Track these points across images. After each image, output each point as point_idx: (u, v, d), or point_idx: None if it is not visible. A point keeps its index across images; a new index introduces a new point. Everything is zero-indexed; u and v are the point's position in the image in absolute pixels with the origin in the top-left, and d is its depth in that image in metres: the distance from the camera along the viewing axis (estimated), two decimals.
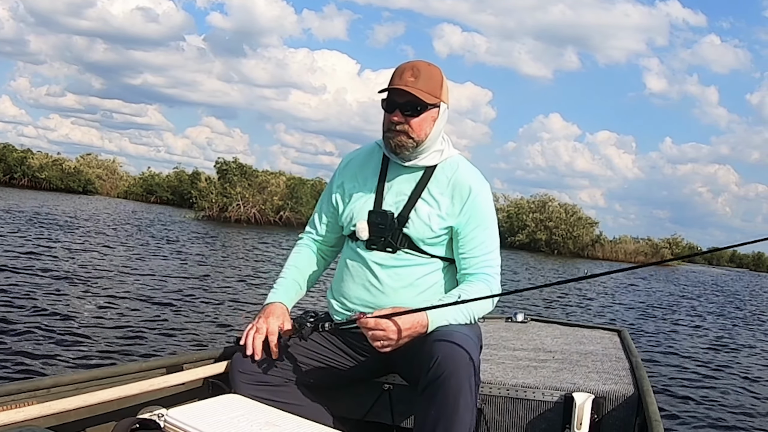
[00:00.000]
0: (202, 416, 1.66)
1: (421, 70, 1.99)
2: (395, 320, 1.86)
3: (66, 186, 51.97)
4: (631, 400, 2.23)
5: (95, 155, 60.40)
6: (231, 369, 2.04)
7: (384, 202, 2.09)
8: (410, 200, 2.07)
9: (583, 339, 3.31)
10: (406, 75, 1.98)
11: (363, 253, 2.10)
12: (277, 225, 37.17)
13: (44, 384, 1.83)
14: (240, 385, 1.99)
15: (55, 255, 11.13)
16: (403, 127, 2.00)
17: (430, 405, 1.81)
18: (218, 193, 36.16)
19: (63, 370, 4.78)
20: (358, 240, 2.10)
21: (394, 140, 2.02)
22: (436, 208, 2.07)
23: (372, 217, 2.07)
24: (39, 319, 6.20)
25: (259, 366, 2.01)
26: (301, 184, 40.84)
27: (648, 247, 54.61)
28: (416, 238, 2.05)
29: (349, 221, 2.13)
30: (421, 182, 2.08)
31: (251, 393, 1.95)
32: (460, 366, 1.80)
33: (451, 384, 1.78)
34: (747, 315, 16.79)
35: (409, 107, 1.99)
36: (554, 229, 48.68)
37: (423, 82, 1.98)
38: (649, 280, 27.94)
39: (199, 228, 25.95)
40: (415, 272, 2.07)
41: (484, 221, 2.09)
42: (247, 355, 2.01)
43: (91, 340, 5.71)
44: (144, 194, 53.85)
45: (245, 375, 2.00)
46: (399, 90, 1.97)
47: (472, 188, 2.08)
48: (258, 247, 19.99)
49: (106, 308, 7.19)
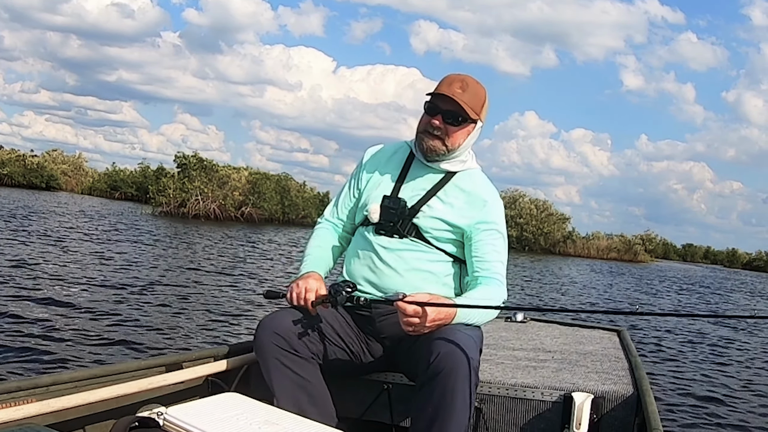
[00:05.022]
0: (202, 414, 1.68)
1: (469, 84, 2.12)
2: (429, 309, 1.93)
3: (28, 182, 51.56)
4: (630, 400, 2.30)
5: (61, 151, 60.25)
6: (260, 331, 2.07)
7: (400, 193, 2.22)
8: (425, 196, 2.21)
9: (582, 339, 3.39)
10: (455, 85, 2.11)
11: (371, 237, 2.22)
12: (238, 221, 36.83)
13: (43, 382, 1.86)
14: (267, 347, 2.05)
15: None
16: (441, 133, 2.14)
17: (427, 402, 1.91)
18: (176, 188, 35.71)
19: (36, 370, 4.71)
20: (368, 224, 2.23)
21: (429, 143, 2.16)
22: (449, 207, 2.20)
23: (385, 201, 2.20)
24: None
25: (287, 334, 2.07)
26: (265, 179, 40.54)
27: (621, 243, 55.54)
28: (424, 228, 2.19)
29: (363, 206, 2.27)
30: (440, 184, 2.23)
31: (276, 356, 2.04)
32: (459, 365, 1.88)
33: (449, 382, 1.88)
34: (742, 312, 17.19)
35: (450, 116, 2.13)
36: (525, 226, 49.17)
37: (469, 96, 2.12)
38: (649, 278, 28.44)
39: (152, 224, 25.58)
40: (419, 257, 2.19)
41: (498, 229, 2.23)
42: (281, 317, 2.10)
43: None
44: (108, 190, 53.91)
45: (277, 337, 2.06)
46: (445, 97, 2.10)
47: (487, 200, 2.23)
48: (214, 244, 19.77)
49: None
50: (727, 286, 34.00)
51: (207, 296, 9.37)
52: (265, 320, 2.11)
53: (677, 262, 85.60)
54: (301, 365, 2.07)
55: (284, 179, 43.75)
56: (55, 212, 24.83)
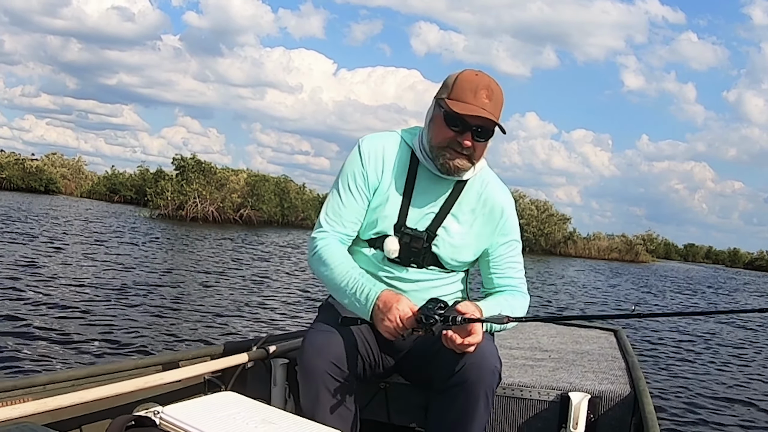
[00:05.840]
0: (198, 413, 1.69)
1: (494, 91, 1.92)
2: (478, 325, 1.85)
3: (27, 185, 51.70)
4: (627, 399, 2.31)
5: (60, 154, 60.32)
6: (310, 350, 1.92)
7: (411, 213, 2.04)
8: (439, 215, 2.05)
9: (579, 338, 3.40)
10: (482, 95, 1.90)
11: (383, 265, 2.06)
12: (237, 223, 36.82)
13: (40, 381, 1.88)
14: (316, 369, 1.89)
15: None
16: (470, 151, 1.95)
17: (450, 407, 1.92)
18: (174, 190, 35.70)
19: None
20: (378, 248, 2.06)
21: (454, 162, 1.96)
22: (467, 226, 2.07)
23: (405, 237, 2.02)
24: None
25: (336, 355, 1.91)
26: (263, 182, 40.53)
27: (622, 243, 55.49)
28: (443, 258, 2.07)
29: (372, 228, 2.06)
30: (452, 196, 2.06)
31: (323, 378, 1.89)
32: (486, 375, 1.91)
33: (474, 390, 1.90)
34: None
35: (481, 131, 1.93)
36: (525, 227, 49.12)
37: (495, 106, 1.92)
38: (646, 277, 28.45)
39: (149, 226, 25.57)
40: (437, 284, 2.10)
41: (516, 238, 2.16)
42: (329, 337, 1.92)
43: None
44: (107, 193, 54.06)
45: (326, 358, 1.90)
46: (473, 109, 1.89)
47: (504, 207, 2.11)
48: (211, 246, 19.78)
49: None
50: (732, 285, 33.95)
51: (203, 297, 9.39)
52: (316, 340, 1.93)
53: (679, 262, 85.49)
54: (342, 387, 1.94)
55: (283, 181, 43.76)
56: (51, 215, 24.80)
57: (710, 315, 9.80)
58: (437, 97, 2.00)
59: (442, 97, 1.96)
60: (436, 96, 2.02)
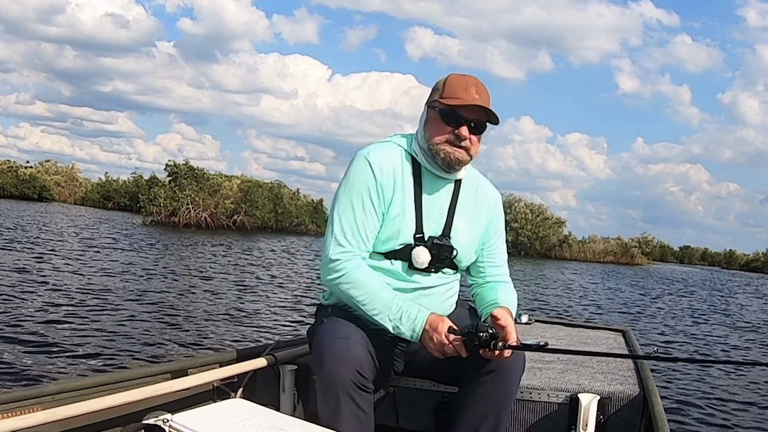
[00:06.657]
0: (208, 421, 1.69)
1: (482, 88, 2.06)
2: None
3: (21, 193, 51.84)
4: (637, 400, 2.33)
5: (54, 162, 60.66)
6: (335, 361, 1.89)
7: (426, 219, 2.09)
8: (448, 218, 2.14)
9: (587, 339, 3.41)
10: (473, 91, 2.03)
11: (406, 275, 2.09)
12: (230, 229, 36.75)
13: (49, 390, 1.88)
14: (343, 381, 1.88)
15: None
16: (467, 144, 2.06)
17: (488, 406, 2.01)
18: (167, 196, 35.63)
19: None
20: (396, 258, 2.08)
21: (455, 155, 2.05)
22: (470, 222, 2.18)
23: (434, 248, 2.08)
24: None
25: (361, 366, 1.90)
26: (257, 187, 40.48)
27: (617, 246, 55.63)
28: (458, 260, 2.16)
29: (392, 240, 2.07)
30: (454, 195, 2.17)
31: (348, 390, 1.88)
32: (518, 376, 2.06)
33: (508, 391, 2.03)
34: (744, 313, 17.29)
35: (476, 124, 2.06)
36: (520, 230, 49.18)
37: (487, 99, 2.05)
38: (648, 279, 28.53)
39: (141, 233, 25.51)
40: (451, 287, 2.22)
41: (503, 229, 2.29)
42: (355, 348, 1.91)
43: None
44: (101, 200, 54.21)
45: (352, 369, 1.89)
46: (468, 105, 2.02)
47: (495, 199, 2.28)
48: (204, 253, 19.73)
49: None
50: (730, 288, 34.05)
51: (203, 304, 9.37)
52: (337, 347, 1.92)
53: (675, 265, 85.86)
54: (362, 394, 1.92)
55: (277, 187, 43.65)
56: (43, 222, 24.72)
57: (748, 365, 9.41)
58: (429, 101, 2.11)
59: (434, 100, 2.08)
60: (428, 101, 2.12)
